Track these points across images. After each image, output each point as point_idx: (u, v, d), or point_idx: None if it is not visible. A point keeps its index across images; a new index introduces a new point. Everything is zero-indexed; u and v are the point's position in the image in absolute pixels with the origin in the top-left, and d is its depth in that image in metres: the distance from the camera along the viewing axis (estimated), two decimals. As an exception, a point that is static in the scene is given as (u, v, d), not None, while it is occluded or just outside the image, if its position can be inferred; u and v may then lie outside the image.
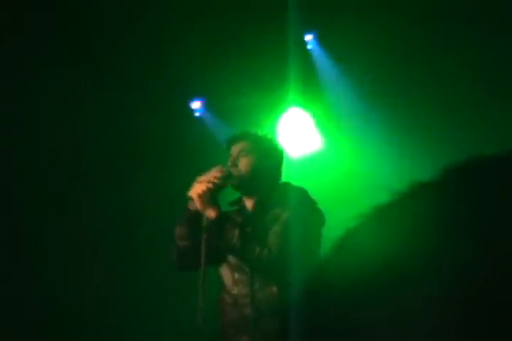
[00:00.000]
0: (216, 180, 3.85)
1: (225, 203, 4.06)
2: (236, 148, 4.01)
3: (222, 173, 3.90)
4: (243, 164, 3.95)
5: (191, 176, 3.96)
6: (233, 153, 4.00)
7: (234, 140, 4.05)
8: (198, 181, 3.87)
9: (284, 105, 6.16)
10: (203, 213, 3.85)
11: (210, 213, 3.82)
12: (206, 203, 3.81)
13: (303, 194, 3.95)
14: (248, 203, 4.02)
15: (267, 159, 3.98)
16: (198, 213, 3.89)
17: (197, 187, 3.85)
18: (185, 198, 3.92)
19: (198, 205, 3.84)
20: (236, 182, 3.94)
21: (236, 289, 3.89)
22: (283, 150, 4.14)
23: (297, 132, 6.18)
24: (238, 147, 4.00)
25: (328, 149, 6.29)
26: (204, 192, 3.81)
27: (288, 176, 4.13)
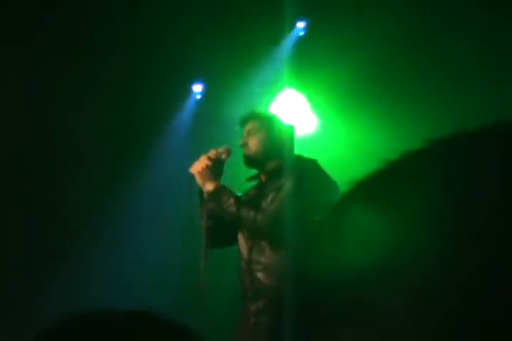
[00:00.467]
0: (213, 156, 4.14)
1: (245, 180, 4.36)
2: (246, 128, 4.25)
3: (219, 151, 4.20)
4: (252, 143, 4.20)
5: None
6: (244, 133, 4.26)
7: (243, 120, 4.28)
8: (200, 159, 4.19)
9: (279, 86, 6.31)
10: (203, 188, 4.15)
11: (208, 187, 4.12)
12: (205, 178, 4.11)
13: (311, 164, 4.16)
14: (264, 178, 4.26)
15: (276, 137, 4.20)
16: None
17: (197, 164, 4.15)
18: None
19: (198, 181, 4.14)
20: (247, 160, 4.22)
21: (248, 255, 4.13)
22: (292, 126, 4.35)
23: (292, 113, 6.31)
24: (247, 127, 4.24)
25: (323, 130, 6.43)
26: (203, 168, 4.11)
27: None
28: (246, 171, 4.36)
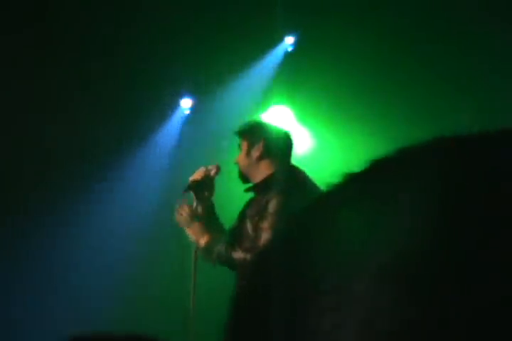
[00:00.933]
0: (200, 176, 4.21)
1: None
2: (240, 141, 4.21)
3: (208, 168, 4.26)
4: (239, 158, 4.20)
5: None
6: (240, 146, 4.21)
7: (237, 132, 4.25)
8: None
9: (268, 103, 6.33)
10: (196, 243, 4.24)
11: (201, 242, 4.18)
12: (197, 234, 4.20)
13: (300, 176, 4.13)
14: (257, 190, 4.20)
15: (271, 148, 4.15)
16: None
17: (178, 216, 4.25)
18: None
19: (191, 237, 4.25)
20: (241, 176, 4.22)
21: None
22: (286, 137, 4.26)
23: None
24: (240, 140, 4.21)
25: (314, 143, 6.44)
26: (183, 218, 4.22)
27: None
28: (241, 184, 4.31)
